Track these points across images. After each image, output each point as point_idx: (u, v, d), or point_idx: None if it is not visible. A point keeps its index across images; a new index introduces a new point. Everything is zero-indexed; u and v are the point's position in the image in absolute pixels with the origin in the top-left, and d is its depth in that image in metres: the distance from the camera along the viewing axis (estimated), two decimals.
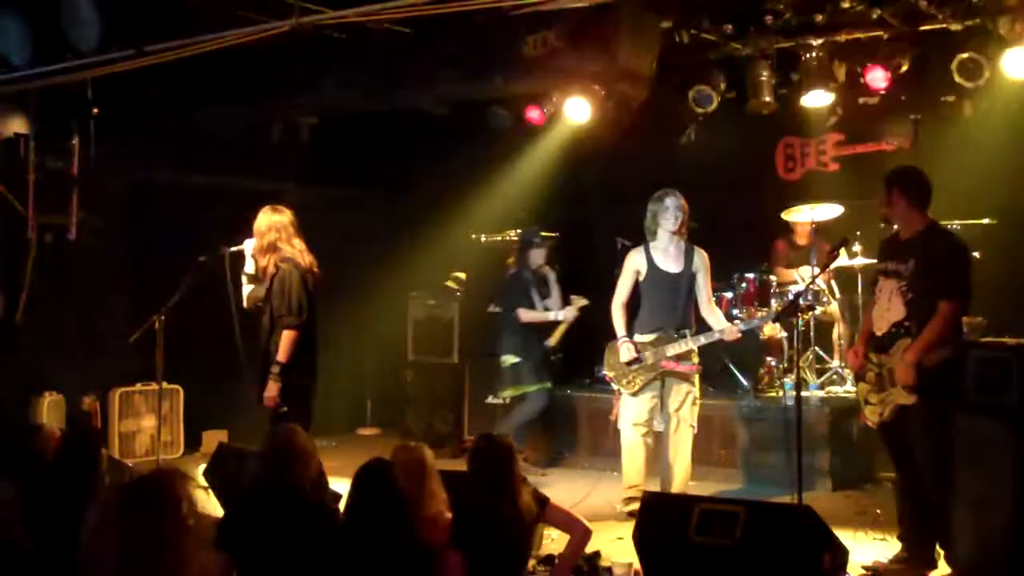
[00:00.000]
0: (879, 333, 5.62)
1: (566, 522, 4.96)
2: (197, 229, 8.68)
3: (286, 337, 6.42)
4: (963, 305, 5.50)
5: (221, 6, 6.84)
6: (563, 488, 7.63)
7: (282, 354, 6.40)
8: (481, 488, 4.67)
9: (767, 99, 8.15)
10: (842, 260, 8.12)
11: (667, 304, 6.98)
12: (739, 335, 7.05)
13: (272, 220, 6.59)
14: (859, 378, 5.80)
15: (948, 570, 5.38)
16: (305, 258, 6.62)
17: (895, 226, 5.77)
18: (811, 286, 7.88)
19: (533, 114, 8.83)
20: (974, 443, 4.98)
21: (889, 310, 5.54)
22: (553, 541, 5.73)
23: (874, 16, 7.31)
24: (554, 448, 9.02)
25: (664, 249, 7.02)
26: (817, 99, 8.16)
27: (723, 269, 9.18)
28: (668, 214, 6.96)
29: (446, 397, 9.60)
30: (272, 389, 6.38)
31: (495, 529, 4.56)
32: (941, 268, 5.41)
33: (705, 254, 7.11)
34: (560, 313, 8.57)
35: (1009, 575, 4.80)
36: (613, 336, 7.09)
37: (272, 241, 6.55)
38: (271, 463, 4.67)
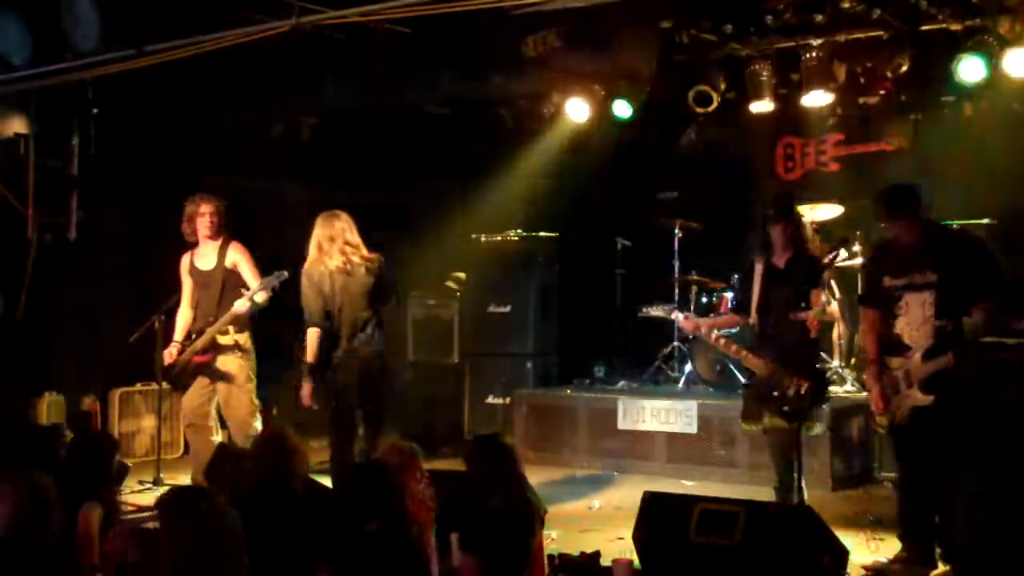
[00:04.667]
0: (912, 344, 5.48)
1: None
2: None
3: None
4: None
5: (221, 6, 6.84)
6: (563, 488, 7.64)
7: None
8: (483, 489, 4.66)
9: (767, 99, 8.16)
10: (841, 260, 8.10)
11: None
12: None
13: None
14: None
15: (948, 570, 5.38)
16: None
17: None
18: None
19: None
20: (975, 442, 4.97)
21: (925, 323, 5.42)
22: (553, 541, 5.73)
23: (874, 16, 7.32)
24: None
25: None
26: (817, 99, 8.16)
27: (723, 269, 9.20)
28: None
29: (446, 397, 9.59)
30: None
31: (498, 529, 4.55)
32: (979, 270, 5.35)
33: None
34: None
35: (1010, 574, 4.80)
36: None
37: None
38: (264, 463, 4.67)
